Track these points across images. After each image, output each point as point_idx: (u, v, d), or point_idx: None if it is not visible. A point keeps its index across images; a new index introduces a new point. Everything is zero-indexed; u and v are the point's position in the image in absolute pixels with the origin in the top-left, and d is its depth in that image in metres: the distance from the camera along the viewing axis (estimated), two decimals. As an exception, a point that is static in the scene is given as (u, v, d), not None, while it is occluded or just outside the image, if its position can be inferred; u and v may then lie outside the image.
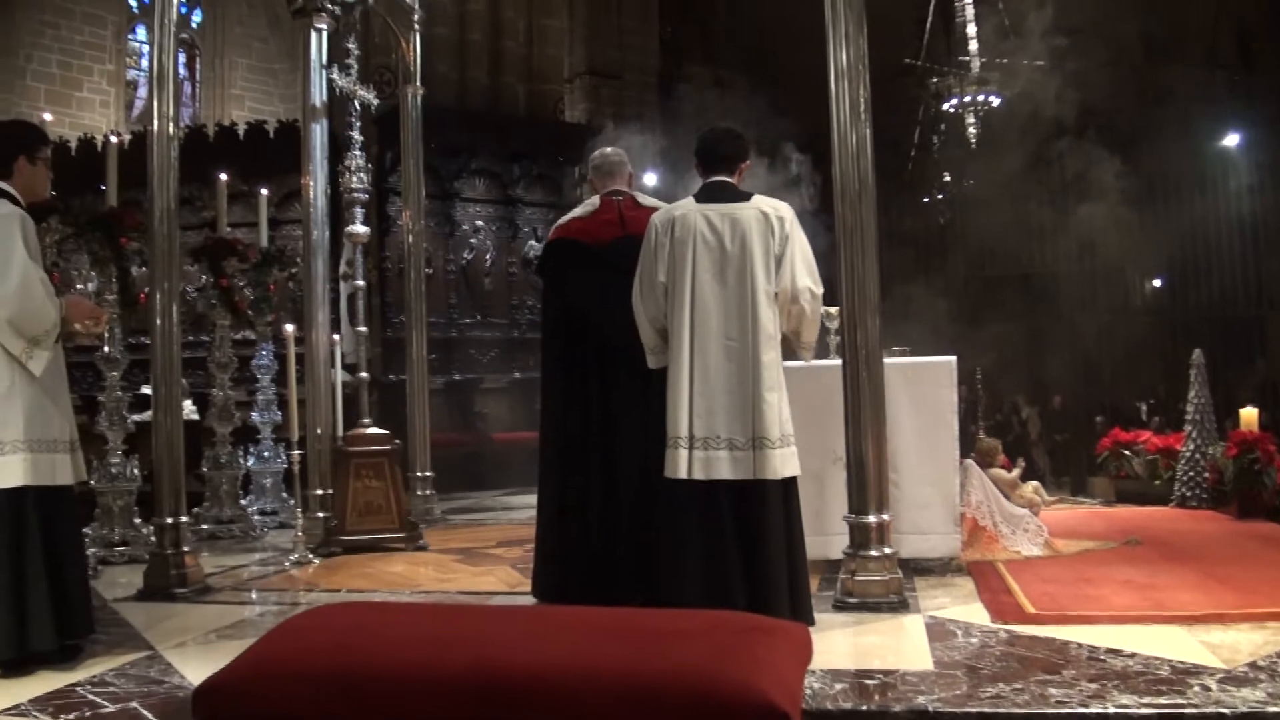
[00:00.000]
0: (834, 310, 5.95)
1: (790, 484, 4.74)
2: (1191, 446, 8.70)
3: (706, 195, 4.94)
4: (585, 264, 5.47)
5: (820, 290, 4.93)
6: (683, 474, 4.66)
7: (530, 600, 5.56)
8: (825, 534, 5.89)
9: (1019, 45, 18.70)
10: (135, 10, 22.20)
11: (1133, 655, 4.09)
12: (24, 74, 20.40)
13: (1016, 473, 7.77)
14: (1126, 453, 9.61)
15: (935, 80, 20.45)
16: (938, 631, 4.63)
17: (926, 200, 22.33)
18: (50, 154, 4.97)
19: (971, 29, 19.57)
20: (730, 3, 22.20)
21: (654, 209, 5.29)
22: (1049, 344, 20.04)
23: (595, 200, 5.63)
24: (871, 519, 5.18)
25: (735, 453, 4.67)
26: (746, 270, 4.76)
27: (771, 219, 4.82)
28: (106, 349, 7.57)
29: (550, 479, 5.53)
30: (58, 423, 4.67)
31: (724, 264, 4.79)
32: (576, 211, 5.68)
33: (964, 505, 6.44)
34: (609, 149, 5.84)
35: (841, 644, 4.56)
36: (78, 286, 7.18)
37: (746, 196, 4.92)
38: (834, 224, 5.38)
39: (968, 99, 20.12)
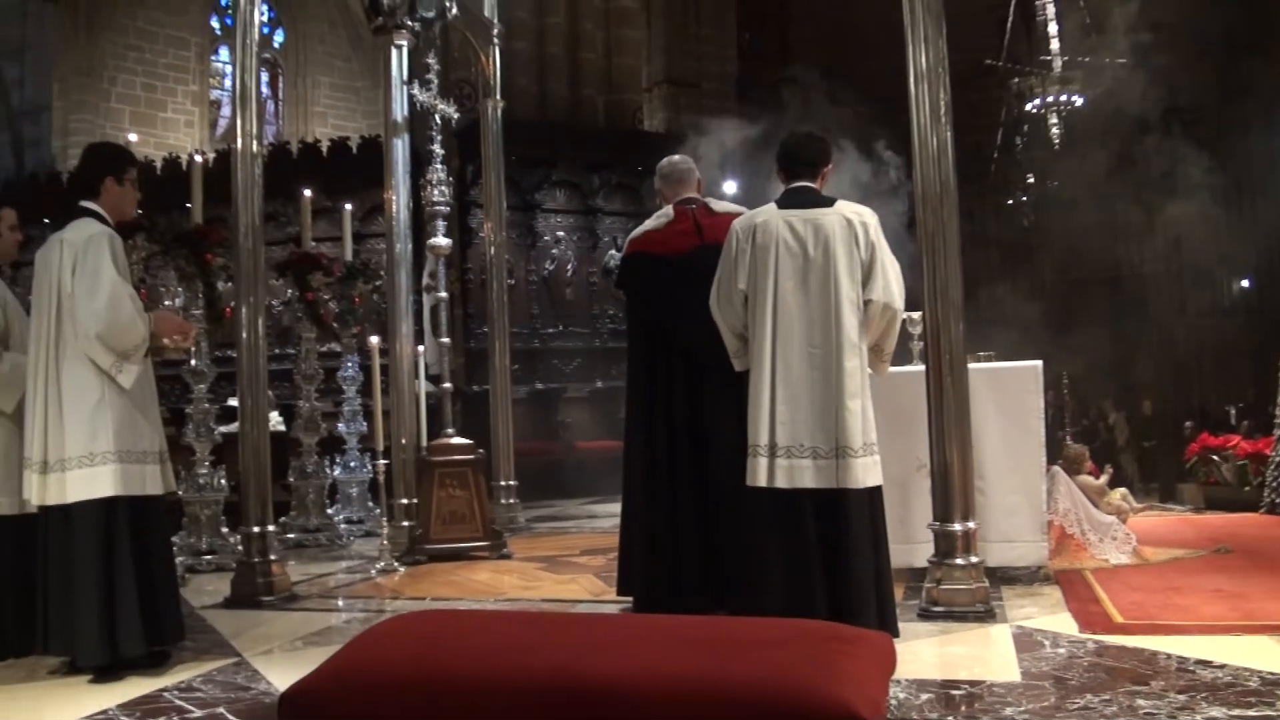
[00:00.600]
0: (916, 316, 5.89)
1: (875, 493, 4.68)
2: (1281, 450, 8.50)
3: (789, 201, 4.88)
4: (663, 276, 5.45)
5: (903, 302, 4.89)
6: (764, 482, 4.62)
7: (615, 608, 5.57)
8: (910, 542, 5.83)
9: (1101, 43, 18.41)
10: (218, 32, 22.66)
11: (1222, 666, 3.99)
12: (109, 96, 20.87)
13: (1104, 479, 7.63)
14: (1215, 458, 9.42)
15: (1016, 81, 20.21)
16: (1025, 641, 4.56)
17: (1010, 203, 22.06)
18: (137, 174, 5.09)
19: (1053, 27, 19.32)
20: (809, 8, 22.09)
21: (729, 214, 5.28)
22: (1136, 347, 19.70)
23: (669, 210, 5.61)
24: (957, 527, 5.12)
25: (819, 461, 4.60)
26: (830, 277, 4.69)
27: (856, 225, 4.75)
28: (193, 362, 7.71)
29: (635, 488, 5.52)
30: (147, 434, 4.77)
31: (807, 271, 4.72)
32: (650, 223, 5.66)
33: (1051, 513, 6.34)
34: (676, 157, 5.85)
35: (927, 654, 4.50)
36: (166, 303, 7.32)
37: (830, 202, 4.85)
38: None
39: (1050, 99, 19.86)
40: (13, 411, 4.99)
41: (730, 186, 15.14)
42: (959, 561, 5.08)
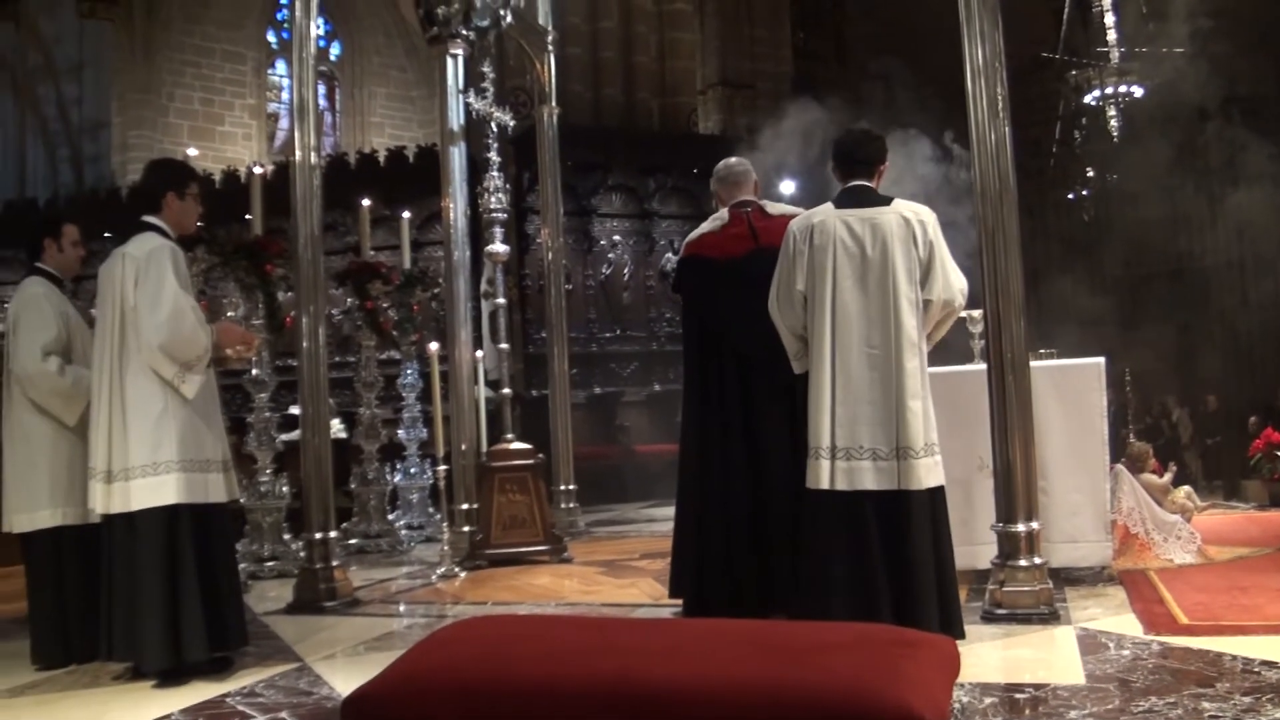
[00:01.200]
0: (976, 314, 5.84)
1: (937, 494, 4.63)
2: (1347, 444, 8.35)
3: (846, 200, 4.84)
4: (717, 280, 5.44)
5: (964, 299, 4.86)
6: (825, 484, 4.58)
7: (673, 612, 5.56)
8: (973, 544, 5.78)
9: (1159, 32, 18.16)
10: (275, 46, 22.90)
11: (1289, 667, 3.94)
12: (167, 111, 21.15)
13: (1168, 478, 7.53)
14: (1280, 454, 9.25)
15: (1074, 73, 19.96)
16: (1089, 643, 4.51)
17: (1070, 197, 21.82)
18: (199, 189, 5.18)
19: (1110, 18, 19.06)
20: (864, 5, 21.99)
21: (785, 216, 5.28)
22: (1200, 341, 19.41)
23: (724, 213, 5.60)
24: (1020, 528, 5.07)
25: (879, 463, 4.56)
26: (889, 276, 4.65)
27: (913, 223, 4.71)
28: (255, 371, 7.80)
29: (690, 491, 5.51)
30: (210, 443, 4.85)
31: (865, 270, 4.68)
32: (705, 226, 5.65)
33: (1115, 512, 6.27)
34: (732, 159, 5.84)
35: (990, 656, 4.47)
36: (229, 314, 7.41)
37: (887, 201, 4.82)
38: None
39: (1109, 90, 19.60)
40: (75, 424, 5.11)
41: (788, 186, 15.13)
42: (1022, 563, 5.04)
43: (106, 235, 14.41)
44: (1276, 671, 3.89)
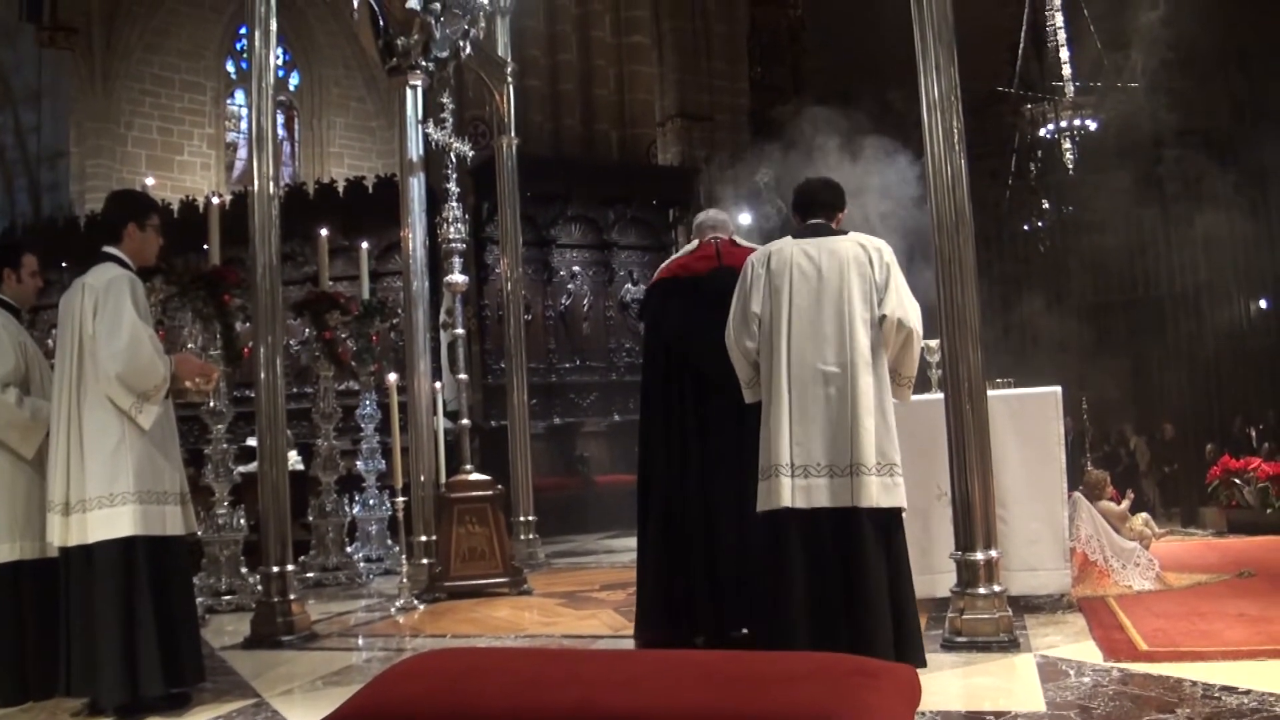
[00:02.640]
0: (934, 344, 5.88)
1: (894, 515, 4.64)
2: (1303, 472, 8.44)
3: (804, 233, 4.96)
4: (682, 297, 5.53)
5: (921, 327, 4.88)
6: (786, 502, 4.58)
7: (635, 643, 5.55)
8: (932, 572, 5.80)
9: (1113, 66, 18.44)
10: (234, 77, 22.86)
11: (1247, 692, 3.96)
12: (125, 141, 21.07)
13: (1126, 505, 7.58)
14: (1237, 481, 9.35)
15: (1030, 107, 20.23)
16: (1049, 671, 4.53)
17: (1026, 229, 22.05)
18: (160, 220, 5.16)
19: (1064, 53, 19.35)
20: (820, 40, 22.21)
21: (750, 248, 5.38)
22: (1158, 370, 19.62)
23: (696, 242, 5.73)
24: (979, 556, 5.09)
25: (834, 480, 4.58)
26: (844, 297, 4.73)
27: (870, 250, 4.80)
28: (212, 403, 7.73)
29: (651, 514, 5.51)
30: (168, 475, 4.80)
31: (821, 291, 4.75)
32: (676, 254, 5.85)
33: (1073, 540, 6.30)
34: (713, 210, 6.01)
35: (951, 685, 4.47)
36: (189, 345, 7.34)
37: (844, 233, 4.94)
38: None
39: (1064, 124, 19.87)
40: (33, 457, 5.02)
41: (745, 218, 15.17)
42: (982, 591, 5.06)
43: (64, 265, 14.34)
44: (1236, 697, 3.92)
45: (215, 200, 8.00)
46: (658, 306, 5.71)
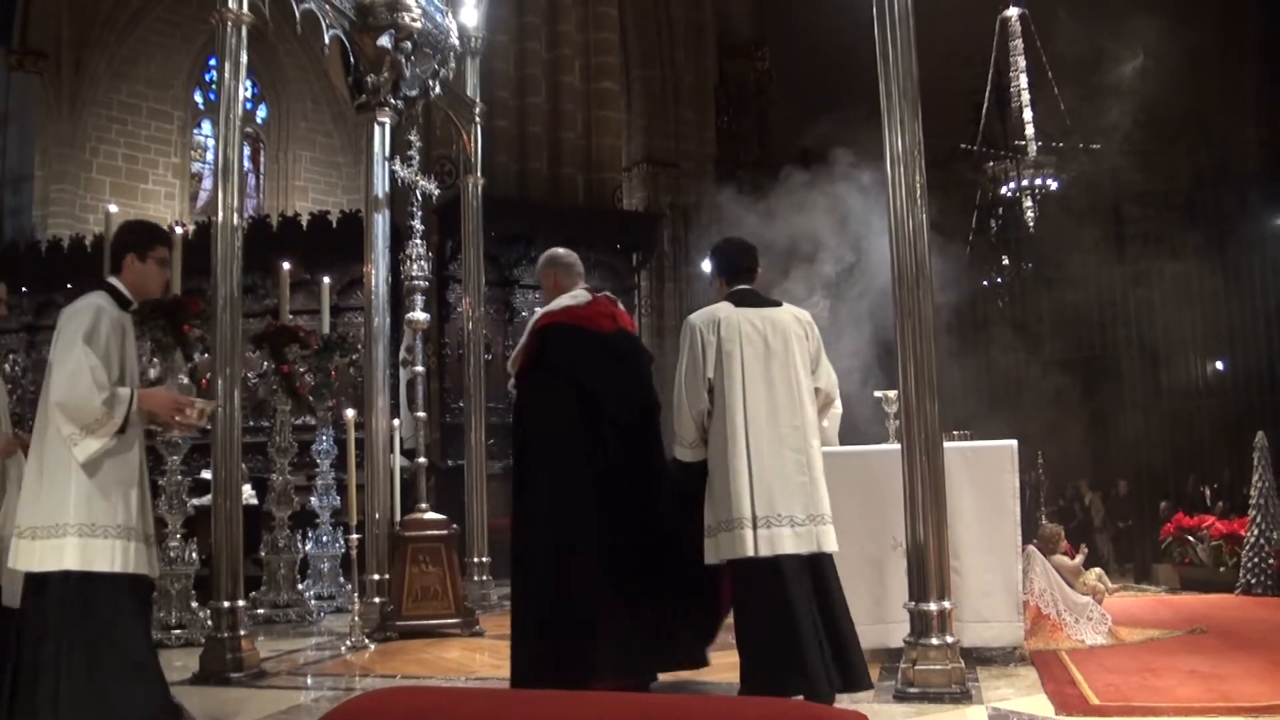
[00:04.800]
0: (892, 394, 5.92)
1: (833, 557, 5.06)
2: (1256, 532, 8.54)
3: (741, 300, 5.31)
4: (594, 349, 5.61)
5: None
6: (750, 552, 4.88)
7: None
8: (885, 622, 5.82)
9: (1076, 126, 18.69)
10: (201, 107, 22.84)
11: (1199, 748, 3.99)
12: (90, 167, 20.98)
13: (1079, 559, 7.64)
14: (1191, 539, 9.44)
15: (991, 164, 20.46)
16: (1001, 723, 4.54)
17: (985, 284, 22.24)
18: (167, 253, 5.05)
19: (1028, 113, 19.60)
20: (787, 92, 22.45)
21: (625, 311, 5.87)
22: (1111, 428, 19.78)
23: (583, 293, 5.74)
24: (933, 607, 5.11)
25: (797, 529, 4.94)
26: (791, 366, 5.17)
27: (803, 323, 5.31)
28: (170, 434, 7.65)
29: (553, 556, 5.38)
30: (121, 511, 4.62)
31: (769, 359, 5.15)
32: (567, 300, 5.72)
33: (1027, 593, 6.34)
34: (562, 249, 6.11)
35: (902, 735, 4.48)
36: (181, 379, 7.21)
37: (777, 303, 5.39)
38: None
39: (1025, 183, 20.09)
40: None
41: (707, 265, 15.21)
42: (934, 641, 5.07)
43: (24, 290, 14.21)
44: (1184, 753, 3.95)
45: (179, 229, 7.96)
46: (573, 354, 5.63)
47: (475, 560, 9.32)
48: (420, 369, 8.43)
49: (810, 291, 8.46)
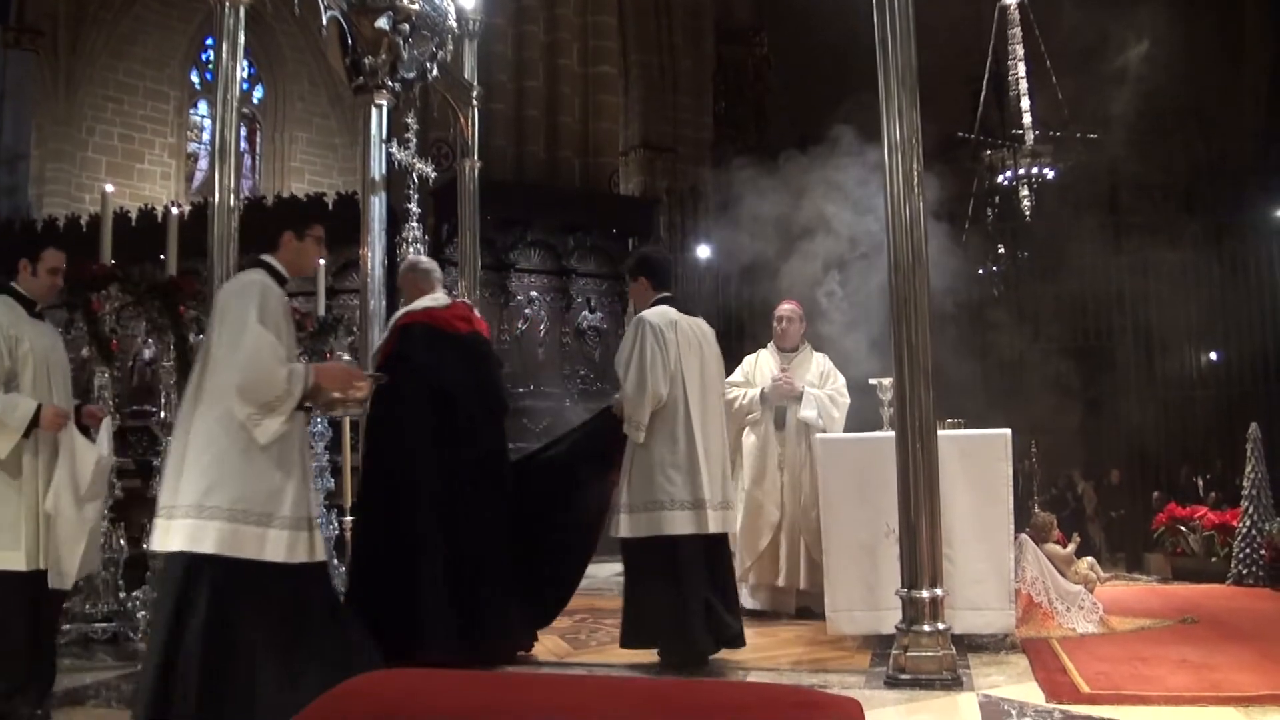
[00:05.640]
0: (886, 382, 5.94)
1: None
2: (1248, 523, 8.56)
3: (674, 305, 6.16)
4: (453, 349, 6.11)
5: None
6: (713, 529, 5.78)
7: (582, 670, 5.55)
8: (878, 609, 5.84)
9: (1073, 115, 18.68)
10: (198, 87, 22.78)
11: (1189, 736, 4.01)
12: (86, 146, 20.94)
13: (1071, 548, 7.65)
14: (1183, 529, 9.46)
15: (989, 153, 20.45)
16: (991, 711, 4.56)
17: (980, 272, 22.23)
18: (322, 232, 5.10)
19: (1025, 102, 19.59)
20: (784, 79, 22.42)
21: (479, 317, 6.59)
22: (1105, 417, 19.79)
23: (442, 297, 6.33)
24: (925, 594, 5.13)
25: (727, 512, 5.98)
26: (718, 372, 6.23)
27: (709, 331, 6.24)
28: (162, 414, 7.64)
29: (430, 538, 5.77)
30: (280, 496, 4.48)
31: (704, 363, 6.03)
32: (428, 301, 6.24)
33: (1019, 581, 6.36)
34: (425, 259, 6.89)
35: (893, 721, 4.50)
36: (344, 356, 7.11)
37: (691, 313, 6.26)
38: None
39: (1022, 172, 20.08)
40: (6, 458, 4.74)
41: (703, 250, 15.23)
42: (926, 628, 5.09)
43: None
44: (1174, 741, 3.96)
45: (174, 210, 7.95)
46: (424, 347, 6.07)
47: (469, 543, 9.30)
48: (415, 352, 8.40)
49: (822, 270, 8.47)
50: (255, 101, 23.53)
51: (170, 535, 4.34)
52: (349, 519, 7.54)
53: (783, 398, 7.59)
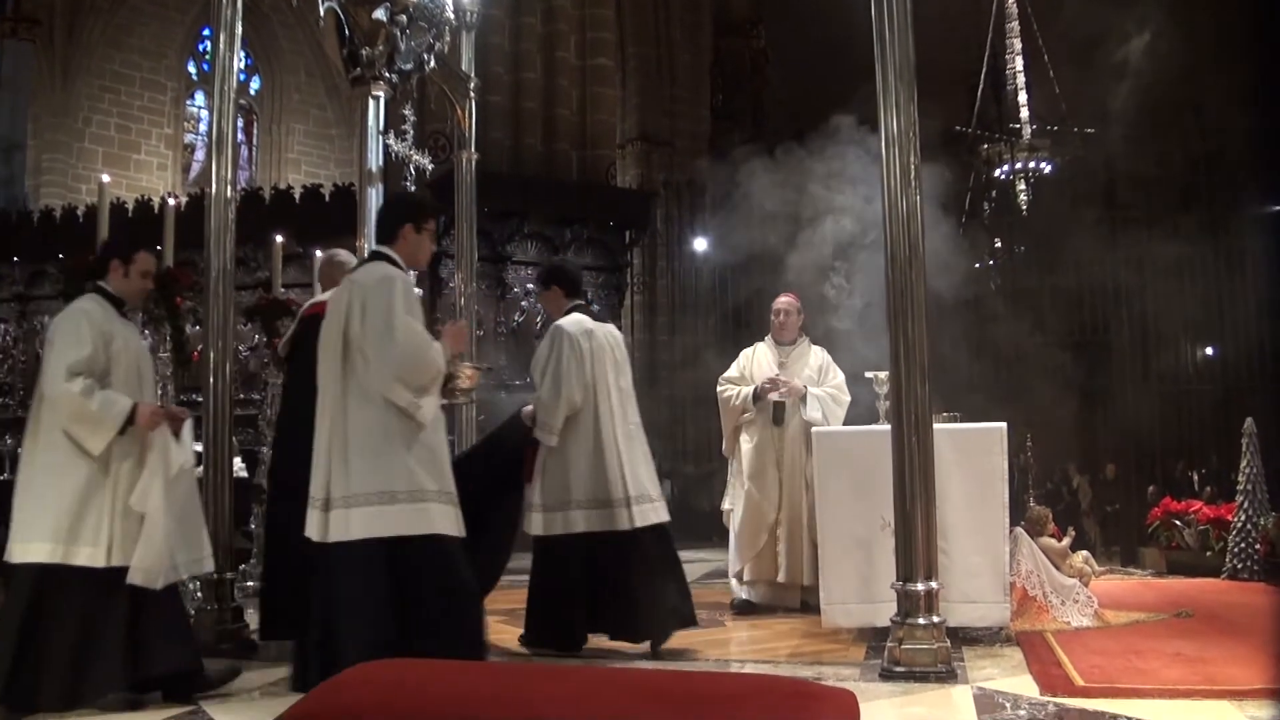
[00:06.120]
0: (882, 375, 5.94)
1: None
2: (1243, 517, 8.57)
3: (587, 313, 6.41)
4: None
5: None
6: (654, 519, 6.06)
7: (578, 661, 5.56)
8: (873, 601, 5.85)
9: (1070, 111, 18.69)
10: (194, 78, 22.75)
11: (1182, 730, 4.02)
12: (83, 136, 20.92)
13: (1066, 542, 7.66)
14: (1178, 523, 9.47)
15: (986, 147, 20.47)
16: (985, 703, 4.57)
17: (977, 266, 22.26)
18: (436, 226, 5.30)
19: (1023, 96, 19.61)
20: (782, 73, 22.41)
21: None
22: (1101, 411, 19.82)
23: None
24: (920, 587, 5.14)
25: (656, 504, 6.16)
26: (626, 374, 6.36)
27: (618, 336, 6.47)
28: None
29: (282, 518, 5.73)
30: (436, 473, 4.80)
31: (618, 368, 6.28)
32: (323, 295, 6.31)
33: (1013, 574, 6.37)
34: (343, 250, 6.98)
35: (888, 714, 4.50)
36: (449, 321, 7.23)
37: (602, 321, 6.50)
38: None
39: (1019, 166, 20.10)
40: (100, 453, 4.80)
41: (700, 243, 15.23)
42: (921, 621, 5.10)
43: (14, 259, 14.16)
44: (1169, 735, 3.97)
45: (171, 201, 7.95)
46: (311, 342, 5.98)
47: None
48: (412, 344, 8.41)
49: (829, 259, 8.48)
50: (252, 92, 23.51)
51: (350, 524, 4.59)
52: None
53: (788, 395, 7.53)
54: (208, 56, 21.29)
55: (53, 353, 4.88)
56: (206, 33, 21.36)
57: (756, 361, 7.92)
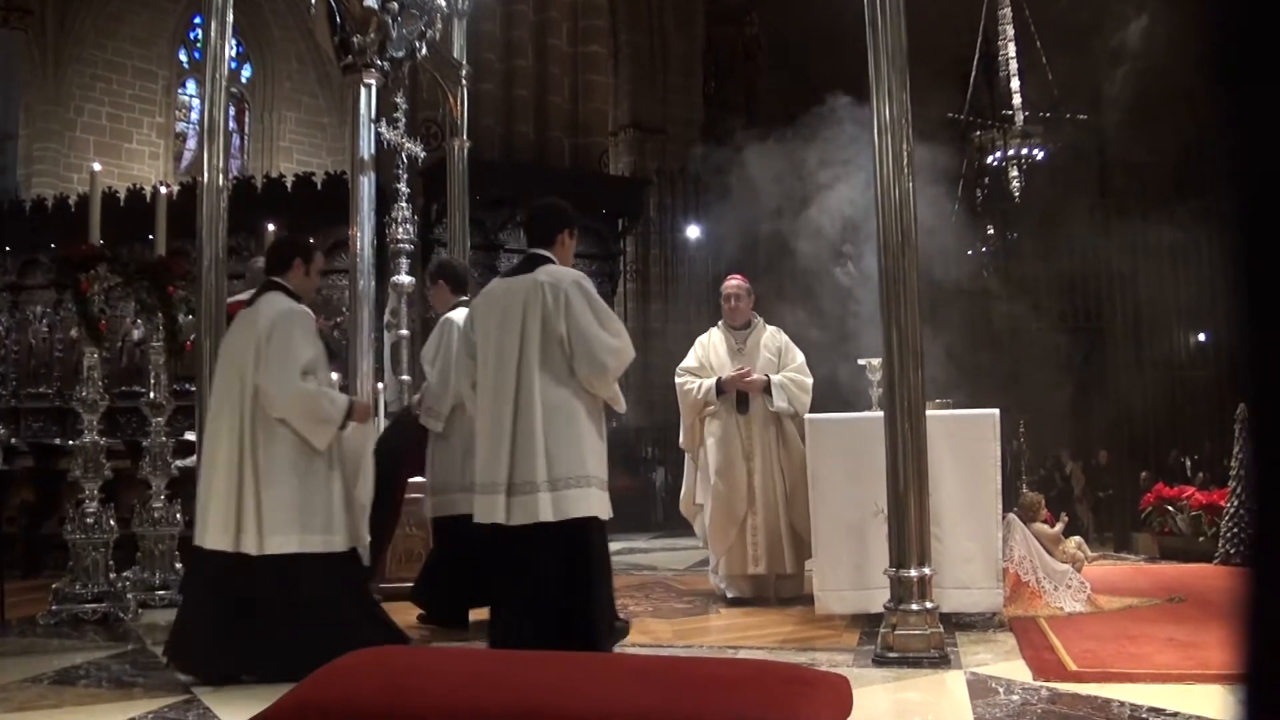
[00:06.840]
0: (875, 362, 5.95)
1: None
2: (1236, 503, 8.59)
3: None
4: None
5: None
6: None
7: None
8: (866, 588, 5.87)
9: (1063, 97, 18.68)
10: (186, 66, 22.69)
11: (1175, 714, 4.03)
12: (74, 126, 20.86)
13: (1059, 528, 7.69)
14: (1170, 509, 9.50)
15: (979, 134, 20.46)
16: (979, 688, 4.59)
17: (969, 253, 22.29)
18: (578, 230, 5.74)
19: (1015, 83, 19.60)
20: (774, 60, 22.39)
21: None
22: (1094, 398, 19.87)
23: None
24: (913, 573, 5.16)
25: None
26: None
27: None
28: (152, 395, 7.65)
29: None
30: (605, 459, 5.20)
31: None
32: (244, 296, 6.44)
33: (1006, 560, 6.39)
34: (261, 259, 6.96)
35: (881, 699, 4.53)
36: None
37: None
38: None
39: (1011, 153, 20.10)
40: (324, 448, 5.18)
41: (693, 231, 15.23)
42: (914, 607, 5.12)
43: (6, 249, 14.11)
44: (1163, 718, 3.99)
45: (163, 190, 7.94)
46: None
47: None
48: (404, 332, 8.44)
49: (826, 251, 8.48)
50: (243, 80, 23.45)
51: (554, 505, 4.92)
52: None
53: (749, 391, 7.37)
54: (199, 45, 21.22)
55: (277, 350, 5.12)
56: (198, 21, 21.29)
57: (713, 349, 7.67)
